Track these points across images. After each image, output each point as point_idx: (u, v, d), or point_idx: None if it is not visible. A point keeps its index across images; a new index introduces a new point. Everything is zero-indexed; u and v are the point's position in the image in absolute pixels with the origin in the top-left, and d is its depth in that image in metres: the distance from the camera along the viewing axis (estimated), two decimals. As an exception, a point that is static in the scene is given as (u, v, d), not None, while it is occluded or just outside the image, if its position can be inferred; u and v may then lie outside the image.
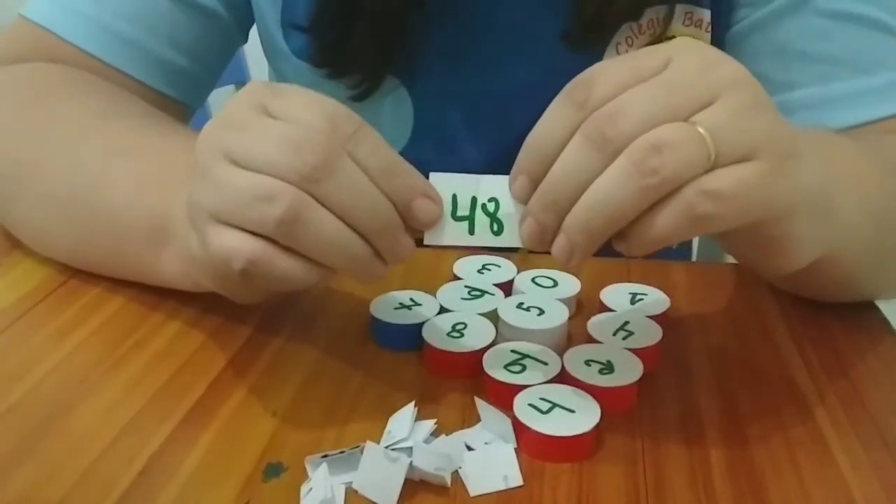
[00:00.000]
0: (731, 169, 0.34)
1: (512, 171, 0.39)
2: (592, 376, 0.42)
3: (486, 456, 0.38)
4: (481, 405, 0.41)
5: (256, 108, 0.38)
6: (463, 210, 0.40)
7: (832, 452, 0.40)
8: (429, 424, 0.40)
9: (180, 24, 0.62)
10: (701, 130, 0.34)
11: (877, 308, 0.52)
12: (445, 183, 0.40)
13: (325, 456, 0.37)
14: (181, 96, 0.64)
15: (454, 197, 0.40)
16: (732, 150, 0.34)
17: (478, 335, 0.45)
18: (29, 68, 0.59)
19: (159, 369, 0.45)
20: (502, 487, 0.37)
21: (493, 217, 0.39)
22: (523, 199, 0.38)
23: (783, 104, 0.57)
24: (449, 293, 0.50)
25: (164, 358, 0.46)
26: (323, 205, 0.36)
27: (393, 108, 0.64)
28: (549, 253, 0.37)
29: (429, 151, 0.65)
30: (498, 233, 0.39)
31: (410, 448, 0.37)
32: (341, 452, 0.37)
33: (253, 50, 0.71)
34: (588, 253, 0.36)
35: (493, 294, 0.50)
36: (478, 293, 0.50)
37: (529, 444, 0.39)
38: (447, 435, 0.40)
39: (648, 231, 0.35)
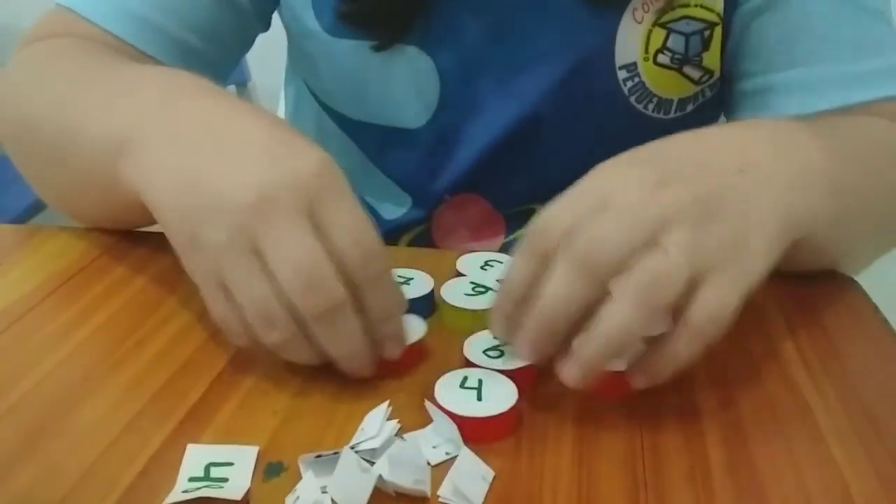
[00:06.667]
0: (709, 291, 0.39)
1: (492, 314, 0.43)
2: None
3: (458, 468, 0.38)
4: (431, 409, 0.40)
5: (303, 205, 0.40)
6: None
7: (831, 452, 0.40)
8: (391, 425, 0.40)
9: (195, 6, 0.63)
10: (676, 253, 0.38)
11: (877, 308, 0.52)
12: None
13: (318, 456, 0.37)
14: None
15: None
16: (703, 265, 0.39)
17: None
18: (49, 41, 0.62)
19: (160, 369, 0.45)
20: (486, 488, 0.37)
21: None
22: (502, 335, 0.42)
23: (784, 81, 0.61)
24: (452, 289, 0.50)
25: (164, 358, 0.46)
26: (313, 334, 0.41)
27: (418, 79, 0.65)
28: None
29: (456, 118, 0.67)
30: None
31: (375, 450, 0.38)
32: (335, 453, 0.37)
33: (253, 50, 0.71)
34: (599, 377, 0.40)
35: (496, 290, 0.50)
36: (481, 289, 0.50)
37: (464, 430, 0.39)
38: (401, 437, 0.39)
39: (671, 362, 0.40)
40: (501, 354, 0.44)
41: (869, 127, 0.58)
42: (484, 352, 0.44)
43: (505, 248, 0.71)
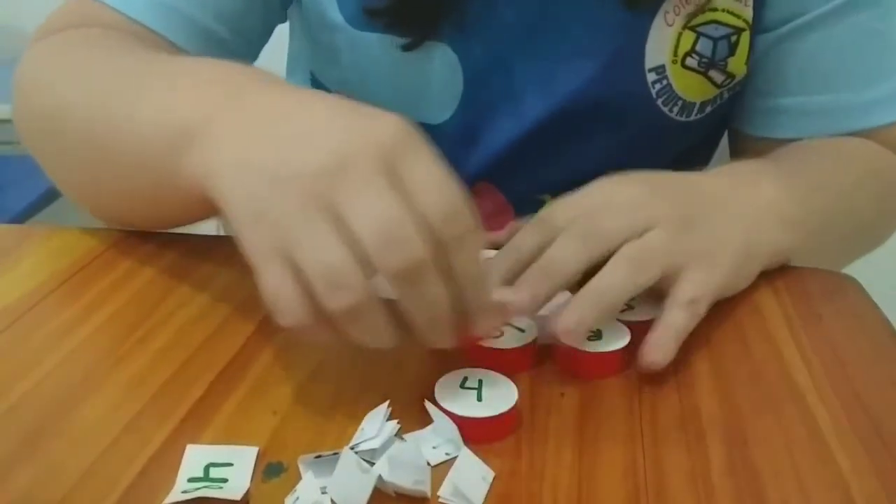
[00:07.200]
0: (690, 278, 0.47)
1: (493, 263, 0.47)
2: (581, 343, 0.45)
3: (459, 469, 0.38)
4: (431, 409, 0.40)
5: (382, 166, 0.38)
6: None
7: (831, 452, 0.40)
8: (391, 425, 0.40)
9: None
10: (657, 245, 0.47)
11: (877, 308, 0.52)
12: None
13: (318, 456, 0.37)
14: None
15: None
16: (677, 263, 0.47)
17: None
18: (70, 32, 0.60)
19: (160, 368, 0.45)
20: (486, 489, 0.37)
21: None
22: (497, 280, 0.46)
23: (799, 106, 0.65)
24: None
25: (165, 357, 0.46)
26: (395, 299, 0.38)
27: (442, 75, 0.65)
28: None
29: (479, 115, 0.67)
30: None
31: (375, 450, 0.38)
32: (335, 454, 0.37)
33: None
34: (592, 327, 0.45)
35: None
36: None
37: (464, 430, 0.39)
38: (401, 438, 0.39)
39: (670, 331, 0.46)
40: (501, 335, 0.45)
41: (859, 152, 0.64)
42: None
43: None
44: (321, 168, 0.38)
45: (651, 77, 0.64)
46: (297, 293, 0.38)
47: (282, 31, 0.75)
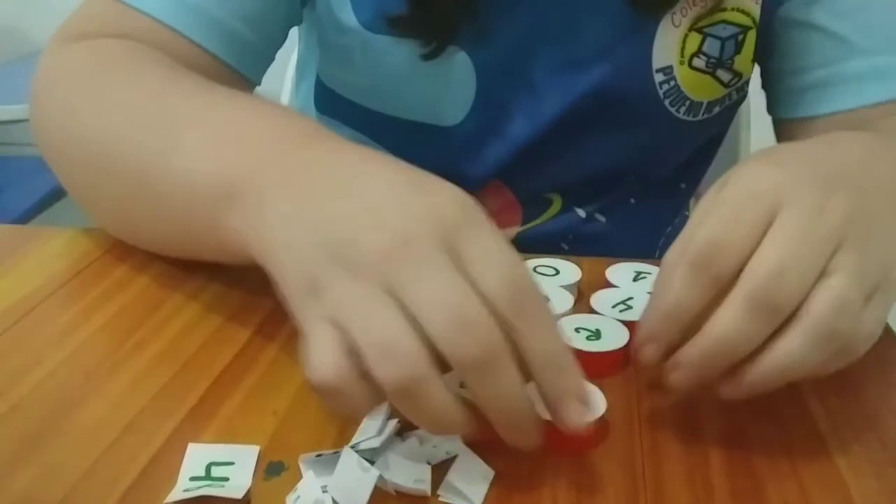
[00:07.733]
0: (870, 310, 0.39)
1: (641, 338, 0.40)
2: (579, 342, 0.45)
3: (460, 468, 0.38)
4: None
5: (443, 244, 0.36)
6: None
7: (830, 452, 0.40)
8: (391, 425, 0.39)
9: None
10: (850, 282, 0.37)
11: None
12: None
13: (319, 455, 0.37)
14: (244, 70, 0.63)
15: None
16: (868, 291, 0.39)
17: None
18: (90, 45, 0.58)
19: (161, 369, 0.45)
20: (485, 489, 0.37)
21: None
22: (653, 363, 0.40)
23: (852, 71, 0.61)
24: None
25: (165, 357, 0.46)
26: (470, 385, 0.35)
27: (455, 77, 0.65)
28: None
29: (491, 117, 0.67)
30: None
31: (375, 449, 0.38)
32: (335, 453, 0.37)
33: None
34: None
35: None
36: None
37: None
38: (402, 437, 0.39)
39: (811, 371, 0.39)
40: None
41: None
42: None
43: (519, 238, 0.72)
44: (379, 247, 0.36)
45: (658, 77, 0.64)
46: (338, 348, 0.35)
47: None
